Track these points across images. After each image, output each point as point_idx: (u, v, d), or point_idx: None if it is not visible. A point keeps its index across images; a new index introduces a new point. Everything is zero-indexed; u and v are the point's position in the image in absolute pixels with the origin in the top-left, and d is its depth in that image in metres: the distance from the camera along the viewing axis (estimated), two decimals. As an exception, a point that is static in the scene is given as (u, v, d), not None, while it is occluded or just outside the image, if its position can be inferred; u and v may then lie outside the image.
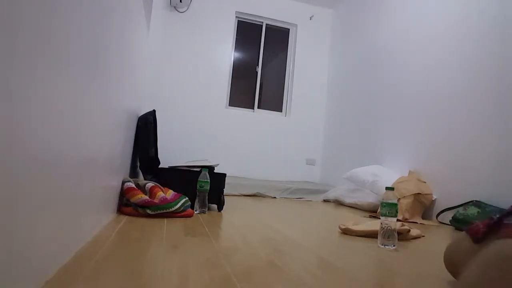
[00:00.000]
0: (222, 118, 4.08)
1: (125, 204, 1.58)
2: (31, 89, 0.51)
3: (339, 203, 3.07)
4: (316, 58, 4.48)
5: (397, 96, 3.09)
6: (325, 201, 3.26)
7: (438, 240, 1.66)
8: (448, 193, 2.39)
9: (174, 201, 1.62)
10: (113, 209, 1.46)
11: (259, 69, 4.38)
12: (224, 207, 1.97)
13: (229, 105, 4.22)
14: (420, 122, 2.77)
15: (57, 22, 0.59)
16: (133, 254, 0.93)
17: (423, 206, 2.44)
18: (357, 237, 1.50)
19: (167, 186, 1.88)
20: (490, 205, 2.01)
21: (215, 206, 1.98)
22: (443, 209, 2.33)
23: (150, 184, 1.76)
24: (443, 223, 2.30)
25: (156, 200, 1.57)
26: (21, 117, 0.49)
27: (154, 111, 2.26)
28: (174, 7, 3.95)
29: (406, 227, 1.56)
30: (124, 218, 1.44)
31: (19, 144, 0.49)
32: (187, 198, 1.72)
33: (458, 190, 2.31)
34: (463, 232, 0.86)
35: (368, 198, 2.75)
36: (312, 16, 4.49)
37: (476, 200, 2.12)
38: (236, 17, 4.29)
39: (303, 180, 4.16)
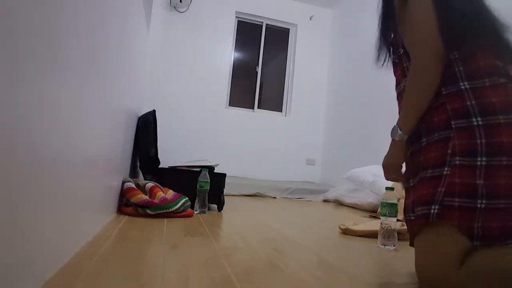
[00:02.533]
0: (222, 118, 4.07)
1: (125, 204, 1.58)
2: (31, 90, 0.51)
3: (339, 203, 3.07)
4: (316, 58, 4.48)
5: (397, 96, 3.08)
6: (325, 201, 3.26)
7: (438, 240, 1.66)
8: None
9: (174, 201, 1.62)
10: (113, 209, 1.46)
11: (259, 69, 4.38)
12: (224, 207, 1.97)
13: (229, 105, 4.21)
14: (420, 122, 2.76)
15: (57, 23, 0.59)
16: (133, 254, 0.93)
17: (423, 206, 2.43)
18: (357, 237, 1.50)
19: (167, 186, 1.88)
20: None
21: (215, 206, 1.98)
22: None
23: (150, 184, 1.76)
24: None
25: (156, 200, 1.57)
26: (21, 117, 0.49)
27: (154, 111, 2.26)
28: (174, 7, 3.94)
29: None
30: (124, 218, 1.44)
31: (19, 144, 0.49)
32: (187, 198, 1.72)
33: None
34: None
35: (368, 198, 2.75)
36: (312, 16, 4.49)
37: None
38: (236, 17, 4.29)
39: (303, 180, 4.16)
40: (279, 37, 4.52)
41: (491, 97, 0.84)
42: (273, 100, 4.46)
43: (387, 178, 1.06)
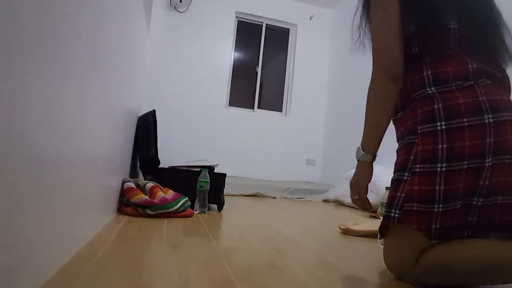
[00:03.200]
0: (222, 118, 4.07)
1: (125, 204, 1.58)
2: (31, 90, 0.51)
3: (339, 203, 3.07)
4: (316, 58, 4.48)
5: (397, 96, 3.08)
6: (325, 201, 3.26)
7: (438, 240, 1.66)
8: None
9: (174, 201, 1.62)
10: (113, 209, 1.46)
11: (259, 69, 4.38)
12: (224, 207, 1.97)
13: (229, 105, 4.21)
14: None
15: (56, 23, 0.59)
16: (133, 254, 0.93)
17: (423, 206, 2.43)
18: (357, 237, 1.50)
19: (167, 186, 1.88)
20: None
21: (215, 206, 1.98)
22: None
23: (150, 184, 1.76)
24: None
25: (156, 200, 1.57)
26: (21, 117, 0.49)
27: (154, 111, 2.26)
28: (174, 7, 3.94)
29: (406, 227, 1.56)
30: (124, 218, 1.44)
31: (19, 144, 0.49)
32: (187, 198, 1.72)
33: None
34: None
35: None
36: (312, 16, 4.49)
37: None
38: (236, 17, 4.29)
39: (303, 180, 4.16)
40: (279, 37, 4.52)
41: (458, 99, 0.84)
42: (273, 100, 4.46)
43: (352, 197, 1.05)
